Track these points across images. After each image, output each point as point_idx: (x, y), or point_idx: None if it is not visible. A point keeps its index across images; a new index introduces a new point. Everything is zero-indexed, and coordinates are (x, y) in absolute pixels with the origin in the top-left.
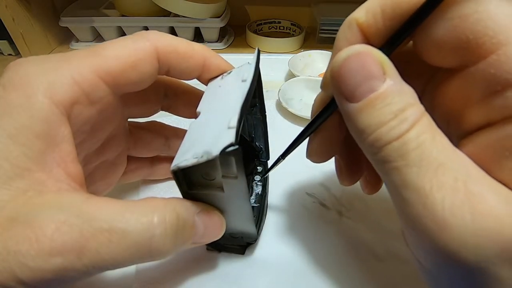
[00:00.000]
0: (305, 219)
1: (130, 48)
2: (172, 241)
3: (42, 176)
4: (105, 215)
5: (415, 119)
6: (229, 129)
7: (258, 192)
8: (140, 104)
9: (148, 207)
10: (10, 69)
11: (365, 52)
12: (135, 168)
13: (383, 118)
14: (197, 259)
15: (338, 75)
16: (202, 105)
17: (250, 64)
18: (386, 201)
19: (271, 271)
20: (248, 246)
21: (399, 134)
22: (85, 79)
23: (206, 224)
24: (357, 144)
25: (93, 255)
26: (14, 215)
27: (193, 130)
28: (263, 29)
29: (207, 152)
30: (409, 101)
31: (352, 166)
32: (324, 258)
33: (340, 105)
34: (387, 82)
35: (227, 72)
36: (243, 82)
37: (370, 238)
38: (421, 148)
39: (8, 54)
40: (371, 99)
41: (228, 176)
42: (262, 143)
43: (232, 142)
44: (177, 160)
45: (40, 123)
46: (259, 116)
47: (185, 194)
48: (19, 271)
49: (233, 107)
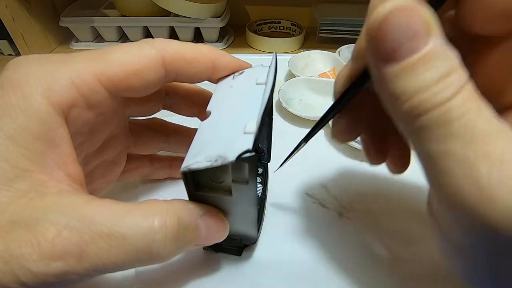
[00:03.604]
0: (305, 219)
1: (135, 54)
2: (172, 245)
3: (43, 177)
4: (106, 219)
5: (460, 85)
6: (246, 134)
7: (258, 194)
8: (141, 103)
9: (149, 210)
10: (9, 68)
11: (411, 8)
12: (135, 168)
13: (424, 83)
14: (196, 259)
15: (377, 32)
16: (212, 105)
17: (264, 66)
18: (386, 202)
19: (270, 271)
20: (245, 247)
21: (441, 101)
22: (84, 83)
23: (209, 227)
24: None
25: (93, 259)
26: (15, 218)
27: (204, 131)
28: (263, 29)
29: (221, 157)
30: (454, 65)
31: (380, 145)
32: (324, 258)
33: (375, 67)
34: (431, 43)
35: (239, 72)
36: (258, 85)
37: (370, 238)
38: (466, 118)
39: (8, 54)
40: (413, 61)
41: (238, 181)
42: (264, 145)
43: (249, 149)
44: (188, 162)
45: (39, 124)
46: (266, 119)
47: (191, 195)
48: (21, 274)
49: (249, 111)
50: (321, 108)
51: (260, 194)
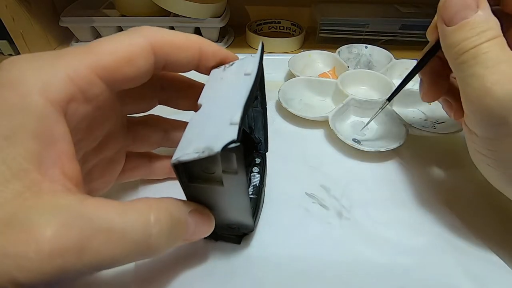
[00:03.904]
0: (304, 219)
1: (124, 43)
2: (167, 239)
3: (38, 177)
4: (103, 215)
5: (491, 37)
6: (232, 125)
7: (256, 184)
8: (136, 99)
9: (143, 206)
10: (3, 68)
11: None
12: (134, 167)
13: (469, 35)
14: (193, 253)
15: (442, 5)
16: (203, 97)
17: (253, 57)
18: (386, 202)
19: (268, 269)
20: (244, 236)
21: (475, 44)
22: (80, 76)
23: (197, 222)
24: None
25: (93, 254)
26: (10, 217)
27: (194, 123)
28: (263, 29)
29: (208, 148)
30: (490, 26)
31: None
32: (323, 258)
33: (440, 29)
34: (478, 13)
35: (229, 64)
36: (246, 75)
37: (370, 239)
38: (490, 53)
39: (8, 54)
40: (463, 24)
41: (228, 171)
42: (261, 135)
43: (234, 139)
44: (178, 154)
45: (36, 122)
46: (260, 109)
47: (184, 186)
48: (18, 274)
49: (235, 102)
50: (321, 108)
51: (258, 184)
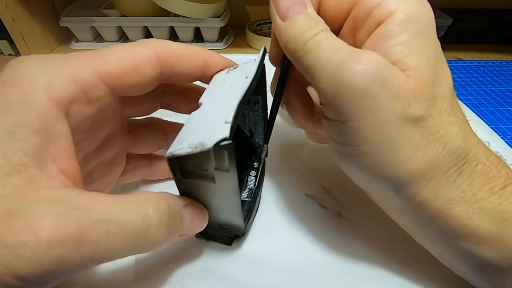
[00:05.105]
0: (303, 219)
1: (131, 52)
2: (165, 231)
3: (36, 172)
4: (102, 206)
5: (325, 27)
6: (225, 124)
7: (251, 188)
8: (138, 103)
9: (142, 199)
10: (11, 66)
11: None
12: (134, 168)
13: (306, 26)
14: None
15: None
16: (204, 97)
17: (256, 61)
18: None
19: (267, 270)
20: (236, 238)
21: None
22: (84, 78)
23: (192, 216)
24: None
25: (92, 245)
26: (10, 208)
27: (192, 120)
28: (263, 29)
29: (201, 144)
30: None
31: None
32: (323, 258)
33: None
34: (308, 9)
35: (233, 67)
36: (246, 78)
37: (369, 239)
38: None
39: (8, 54)
40: (300, 17)
41: (220, 168)
42: (261, 140)
43: (226, 137)
44: (172, 148)
45: (38, 119)
46: (261, 114)
47: (178, 181)
48: (17, 264)
49: (232, 102)
50: None
51: (252, 186)
